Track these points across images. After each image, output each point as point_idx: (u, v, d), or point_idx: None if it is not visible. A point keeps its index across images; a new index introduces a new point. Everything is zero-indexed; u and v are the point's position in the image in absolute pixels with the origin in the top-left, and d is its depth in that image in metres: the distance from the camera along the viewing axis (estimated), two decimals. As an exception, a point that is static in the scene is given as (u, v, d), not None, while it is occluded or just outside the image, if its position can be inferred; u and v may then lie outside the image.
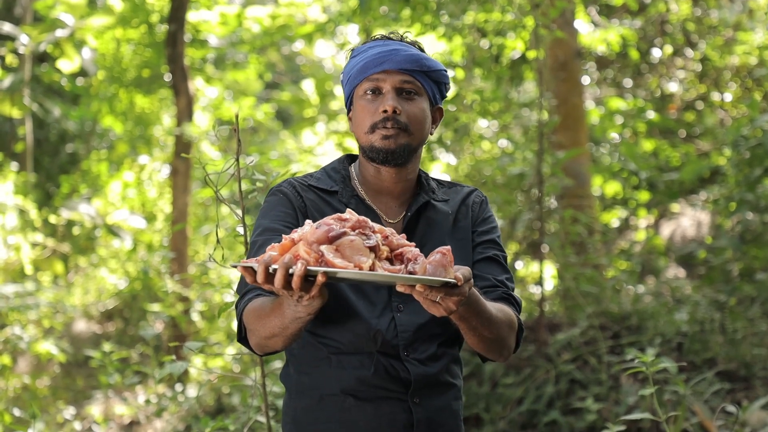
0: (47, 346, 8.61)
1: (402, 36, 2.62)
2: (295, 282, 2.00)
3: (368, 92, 2.54)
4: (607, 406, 5.86)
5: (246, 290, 2.43)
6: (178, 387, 7.80)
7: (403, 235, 2.21)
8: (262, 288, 2.27)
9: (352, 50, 2.63)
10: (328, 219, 2.13)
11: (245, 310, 2.38)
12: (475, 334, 2.35)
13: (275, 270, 2.02)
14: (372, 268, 2.06)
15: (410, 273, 2.07)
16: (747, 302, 7.13)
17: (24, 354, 9.58)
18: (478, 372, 6.44)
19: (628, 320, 6.68)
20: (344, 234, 2.08)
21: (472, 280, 2.16)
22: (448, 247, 2.10)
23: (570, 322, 6.86)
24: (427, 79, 2.55)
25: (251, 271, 2.05)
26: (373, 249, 2.09)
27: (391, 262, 2.13)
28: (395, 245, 2.15)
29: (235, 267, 2.07)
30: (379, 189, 2.60)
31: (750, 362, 6.07)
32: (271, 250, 2.09)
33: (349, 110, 2.63)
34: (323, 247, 2.05)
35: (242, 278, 2.45)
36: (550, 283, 7.68)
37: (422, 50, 2.62)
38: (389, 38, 2.60)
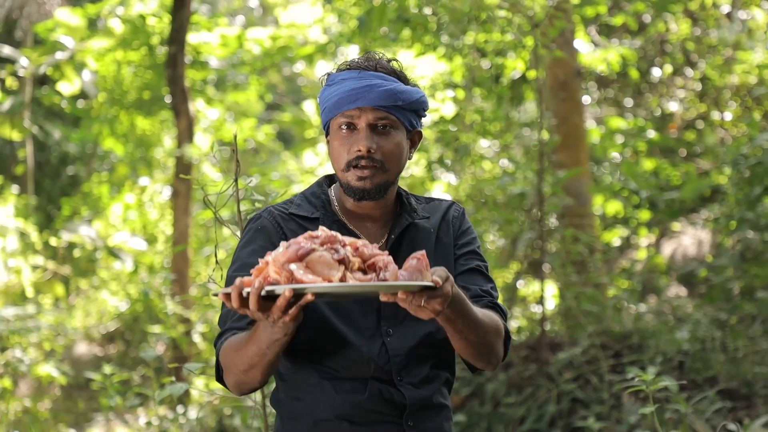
0: (48, 369, 8.59)
1: (377, 63, 2.54)
2: (252, 302, 2.05)
3: (343, 127, 2.50)
4: (609, 425, 5.85)
5: (224, 329, 2.45)
6: (180, 409, 7.78)
7: (376, 244, 2.23)
8: (240, 325, 2.38)
9: (328, 75, 2.57)
10: (299, 238, 2.15)
11: (222, 349, 2.40)
12: (461, 337, 2.35)
13: (248, 294, 2.07)
14: (342, 280, 2.08)
15: (382, 280, 2.09)
16: (748, 320, 7.12)
17: (25, 377, 9.57)
18: (479, 392, 6.43)
19: (630, 339, 6.67)
20: (313, 250, 2.09)
21: (451, 278, 2.17)
22: (423, 251, 2.13)
23: (571, 341, 6.86)
24: (402, 111, 2.50)
25: (229, 297, 2.11)
26: (342, 261, 2.10)
27: (365, 273, 2.14)
28: (367, 256, 2.15)
29: (216, 296, 2.13)
30: (360, 215, 2.58)
31: (751, 380, 6.05)
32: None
33: (327, 133, 2.59)
34: (292, 266, 2.07)
35: (222, 314, 2.48)
36: (551, 303, 7.67)
37: (399, 75, 2.55)
38: (365, 68, 2.52)
